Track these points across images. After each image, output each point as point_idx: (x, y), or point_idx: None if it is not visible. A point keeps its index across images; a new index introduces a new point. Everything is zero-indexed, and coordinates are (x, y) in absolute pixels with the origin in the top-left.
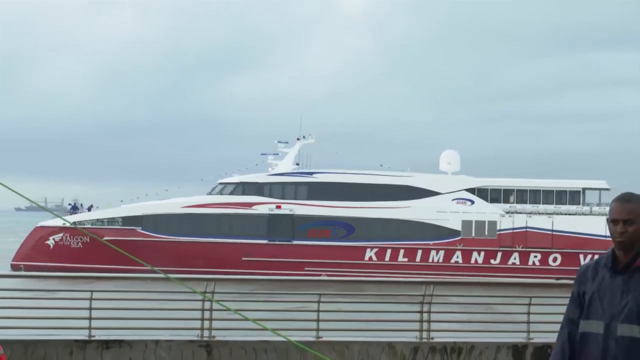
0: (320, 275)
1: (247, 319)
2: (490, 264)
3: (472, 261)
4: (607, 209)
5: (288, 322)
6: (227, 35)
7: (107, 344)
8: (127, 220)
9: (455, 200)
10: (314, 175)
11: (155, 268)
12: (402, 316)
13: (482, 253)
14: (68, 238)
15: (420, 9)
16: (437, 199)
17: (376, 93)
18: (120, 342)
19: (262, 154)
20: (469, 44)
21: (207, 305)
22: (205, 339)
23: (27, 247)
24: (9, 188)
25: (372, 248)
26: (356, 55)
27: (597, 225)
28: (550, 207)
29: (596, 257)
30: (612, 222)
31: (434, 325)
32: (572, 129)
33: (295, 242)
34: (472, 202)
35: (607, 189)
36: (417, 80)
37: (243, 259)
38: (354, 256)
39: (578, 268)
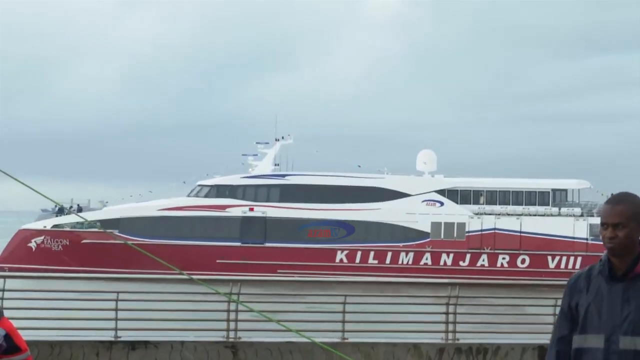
0: (292, 276)
1: (272, 320)
2: (459, 265)
3: (441, 263)
4: (575, 210)
5: (313, 323)
6: (253, 38)
7: (133, 345)
8: (105, 223)
9: (425, 202)
10: (286, 177)
11: (183, 272)
12: (427, 317)
13: (451, 255)
14: (49, 241)
15: (445, 12)
16: (407, 201)
17: (400, 95)
18: (146, 343)
19: (243, 155)
20: (493, 46)
21: (232, 306)
22: (230, 340)
23: (10, 249)
24: (33, 189)
25: (342, 250)
26: (381, 57)
27: (564, 227)
28: (519, 208)
29: (578, 262)
30: (602, 226)
31: (459, 327)
32: (595, 130)
33: (267, 245)
34: (442, 203)
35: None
36: (441, 83)
37: (217, 261)
38: (325, 258)
39: (546, 270)
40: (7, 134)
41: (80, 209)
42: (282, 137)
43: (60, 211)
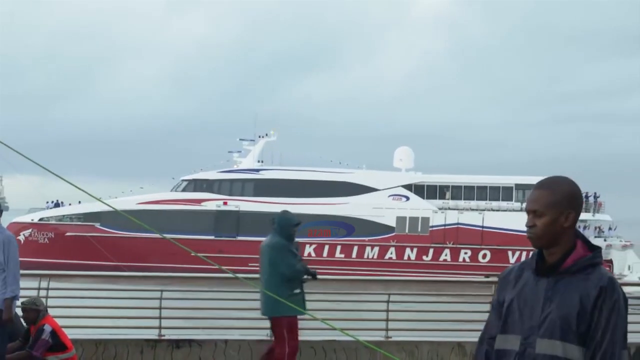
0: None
1: (315, 319)
2: (423, 260)
3: (405, 257)
4: None
5: (357, 322)
6: (300, 37)
7: (177, 343)
8: (88, 216)
9: (391, 197)
10: (260, 172)
11: (227, 270)
12: (471, 316)
13: (415, 249)
14: (36, 233)
15: (493, 11)
16: (374, 195)
17: (446, 95)
18: (190, 342)
19: (228, 152)
20: (541, 45)
21: None
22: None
23: None
24: (80, 189)
25: (311, 244)
26: (428, 57)
27: (524, 222)
28: (482, 204)
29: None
30: (528, 213)
31: None
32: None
33: (239, 238)
34: (407, 198)
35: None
36: (488, 83)
37: (192, 254)
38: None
39: (506, 265)
40: (54, 133)
41: (57, 205)
42: (266, 134)
43: (57, 205)
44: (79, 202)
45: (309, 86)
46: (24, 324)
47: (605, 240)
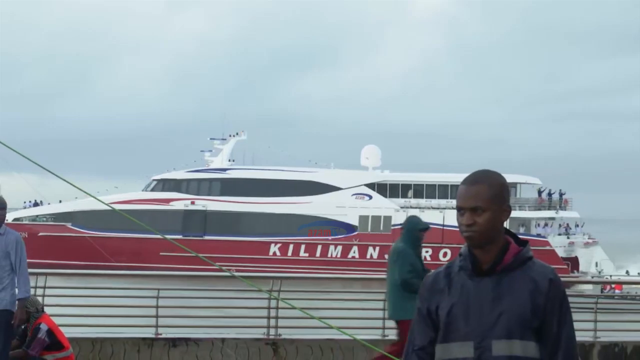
0: (230, 270)
1: (313, 318)
2: (385, 259)
3: (368, 256)
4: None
5: (354, 320)
6: (299, 35)
7: (174, 342)
8: (60, 216)
9: (355, 196)
10: (227, 171)
11: (224, 269)
12: None
13: (377, 248)
14: None
15: (492, 10)
16: (337, 194)
17: (445, 93)
18: (186, 340)
19: (201, 151)
20: (540, 44)
21: (273, 303)
22: (271, 337)
23: None
24: (78, 188)
25: (275, 243)
26: (427, 56)
27: None
28: (444, 202)
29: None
30: (458, 211)
31: None
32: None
33: (206, 237)
34: (370, 197)
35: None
36: (487, 81)
37: (160, 253)
38: (260, 251)
39: None
40: (54, 131)
41: (37, 204)
42: (236, 134)
43: (36, 205)
44: (60, 201)
45: (307, 84)
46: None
47: (568, 237)
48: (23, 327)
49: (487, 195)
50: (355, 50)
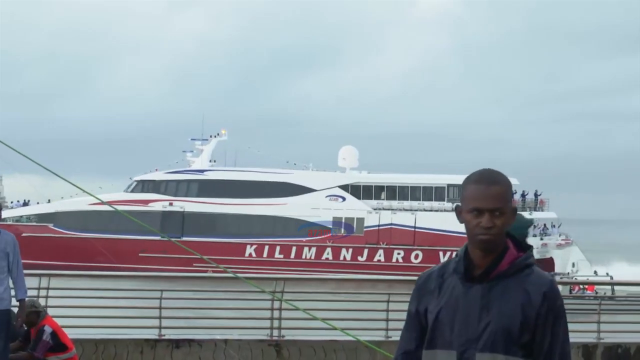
0: (206, 271)
1: (316, 319)
2: (358, 260)
3: (341, 258)
4: None
5: (357, 321)
6: (300, 35)
7: (177, 343)
8: (42, 217)
9: (328, 197)
10: (204, 173)
11: (226, 267)
12: None
13: (350, 250)
14: None
15: (496, 10)
16: (311, 196)
17: (448, 93)
18: (189, 341)
19: (183, 151)
20: (542, 44)
21: (276, 304)
22: (274, 338)
23: None
24: (81, 188)
25: (251, 244)
26: (428, 55)
27: (455, 222)
28: (416, 204)
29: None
30: (473, 212)
31: None
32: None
33: (184, 239)
34: (344, 198)
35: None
36: (488, 81)
37: (139, 254)
38: (236, 252)
39: (436, 265)
40: (54, 131)
41: (25, 204)
42: (217, 134)
43: (25, 205)
44: (48, 201)
45: (307, 84)
46: (24, 325)
47: (541, 239)
48: (26, 328)
49: (505, 196)
50: (356, 50)
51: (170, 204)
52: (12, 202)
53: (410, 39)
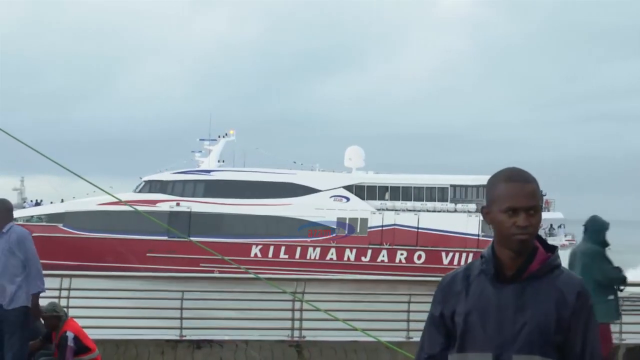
0: (213, 271)
1: (337, 319)
2: (362, 261)
3: (345, 258)
4: (470, 206)
5: (378, 322)
6: (322, 37)
7: (197, 344)
8: (51, 217)
9: (333, 198)
10: (211, 173)
11: (249, 270)
12: None
13: (354, 250)
14: None
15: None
16: (316, 196)
17: (469, 94)
18: (210, 342)
19: (192, 152)
20: (563, 44)
21: (297, 305)
22: (295, 339)
23: None
24: (101, 189)
25: (257, 245)
26: (452, 56)
27: (458, 223)
28: (419, 204)
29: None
30: (508, 211)
31: None
32: None
33: (191, 239)
34: (348, 199)
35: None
36: (510, 82)
37: (147, 254)
38: (242, 252)
39: (440, 266)
40: (73, 132)
41: (38, 204)
42: (225, 134)
43: (37, 205)
44: (62, 200)
45: (330, 86)
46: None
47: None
48: (46, 330)
49: (539, 194)
50: (377, 52)
51: (177, 204)
52: (25, 202)
53: (432, 40)
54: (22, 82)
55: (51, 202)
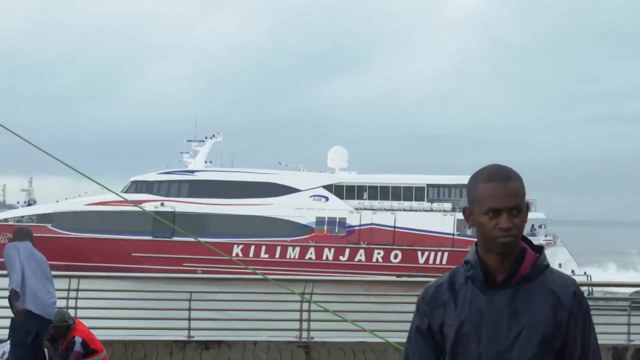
0: (196, 271)
1: (345, 320)
2: (340, 260)
3: (324, 257)
4: (446, 205)
5: (386, 323)
6: (330, 37)
7: (206, 345)
8: (41, 217)
9: (312, 197)
10: (195, 173)
11: (255, 269)
12: None
13: (333, 249)
14: None
15: (525, 11)
16: (296, 196)
17: (477, 95)
18: (219, 343)
19: (180, 152)
20: (573, 45)
21: (305, 306)
22: (303, 339)
23: None
24: (109, 189)
25: (238, 244)
26: (459, 57)
27: (434, 222)
28: (396, 204)
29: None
30: (488, 212)
31: None
32: None
33: (175, 239)
34: (327, 198)
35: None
36: (519, 83)
37: (133, 254)
38: (223, 252)
39: (416, 265)
40: (81, 132)
41: (29, 204)
42: (213, 136)
43: (29, 205)
44: (56, 201)
45: (337, 87)
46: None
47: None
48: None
49: (522, 193)
50: (385, 52)
51: (162, 204)
52: (18, 203)
53: (439, 41)
54: (32, 82)
55: (56, 202)
